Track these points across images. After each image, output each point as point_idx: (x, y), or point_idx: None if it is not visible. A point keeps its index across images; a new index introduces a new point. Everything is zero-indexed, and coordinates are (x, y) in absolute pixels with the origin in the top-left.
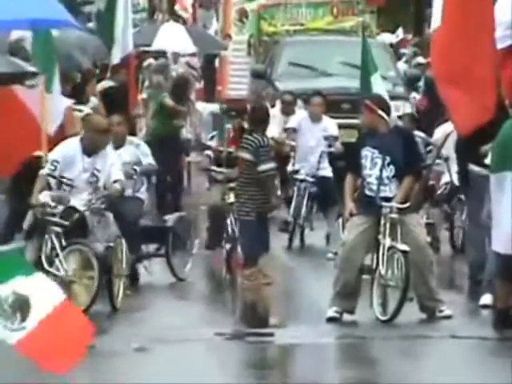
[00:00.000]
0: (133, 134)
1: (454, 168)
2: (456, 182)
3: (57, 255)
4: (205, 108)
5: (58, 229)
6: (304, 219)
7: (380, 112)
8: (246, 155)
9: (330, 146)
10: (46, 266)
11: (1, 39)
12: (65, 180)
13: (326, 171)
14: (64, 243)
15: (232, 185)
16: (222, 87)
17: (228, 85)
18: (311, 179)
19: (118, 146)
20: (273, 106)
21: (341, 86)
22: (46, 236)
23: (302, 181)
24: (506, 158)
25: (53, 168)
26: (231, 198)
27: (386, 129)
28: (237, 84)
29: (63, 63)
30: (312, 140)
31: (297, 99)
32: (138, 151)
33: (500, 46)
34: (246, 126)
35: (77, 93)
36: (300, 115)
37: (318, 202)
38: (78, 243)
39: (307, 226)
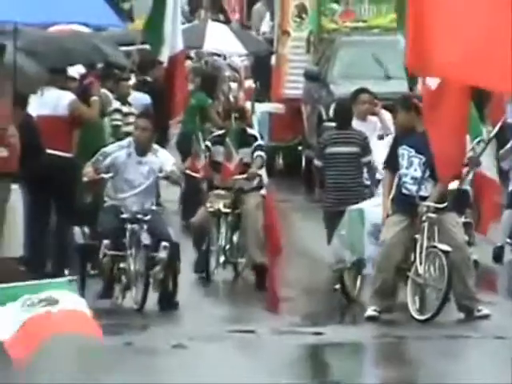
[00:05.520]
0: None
1: None
2: None
3: None
4: (258, 108)
5: None
6: None
7: (416, 111)
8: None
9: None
10: None
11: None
12: None
13: None
14: None
15: None
16: (277, 86)
17: (284, 83)
18: None
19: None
20: None
21: (399, 90)
22: None
23: None
24: None
25: None
26: None
27: (423, 128)
28: (294, 83)
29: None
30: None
31: None
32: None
33: None
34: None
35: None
36: None
37: None
38: None
39: None
